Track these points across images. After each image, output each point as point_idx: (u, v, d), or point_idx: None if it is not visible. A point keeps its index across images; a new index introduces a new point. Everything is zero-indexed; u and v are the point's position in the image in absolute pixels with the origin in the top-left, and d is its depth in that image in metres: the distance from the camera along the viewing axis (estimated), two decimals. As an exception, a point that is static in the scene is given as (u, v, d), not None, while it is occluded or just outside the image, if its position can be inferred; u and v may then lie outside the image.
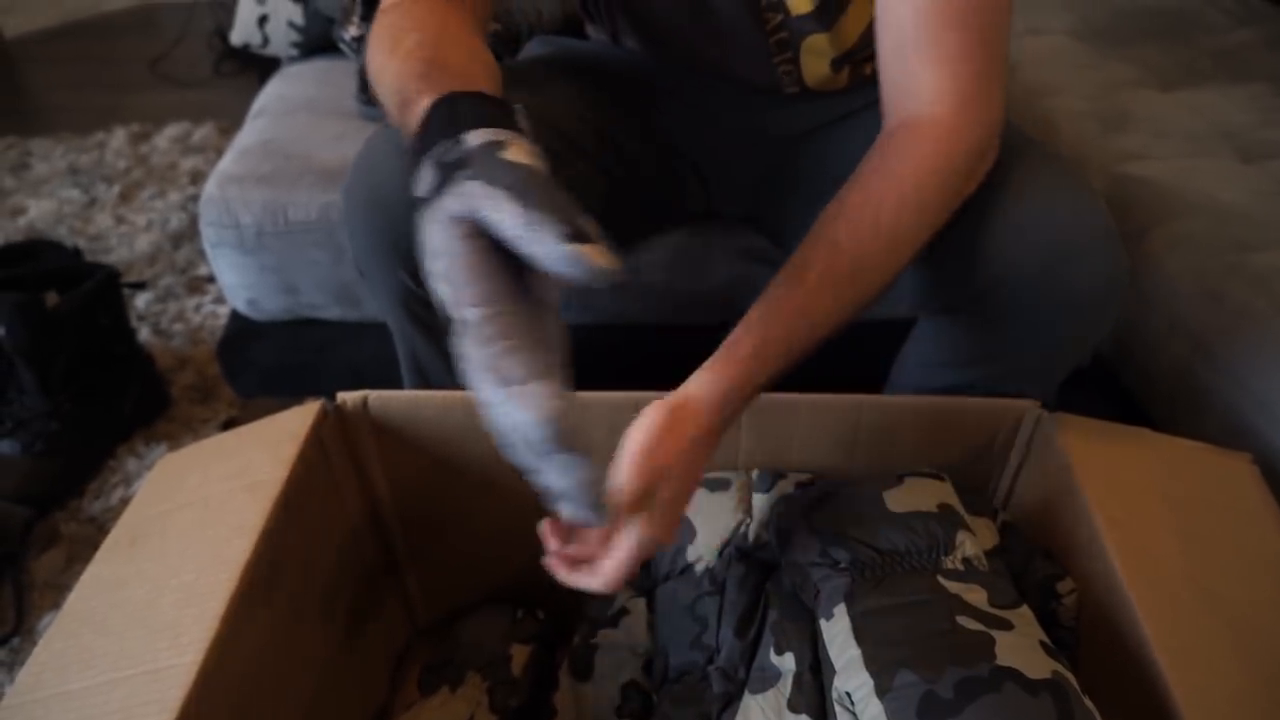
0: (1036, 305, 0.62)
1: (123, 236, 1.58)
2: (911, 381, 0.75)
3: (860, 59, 0.77)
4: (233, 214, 0.95)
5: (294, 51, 1.28)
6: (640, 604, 0.69)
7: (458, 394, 0.70)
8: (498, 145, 0.41)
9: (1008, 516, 0.67)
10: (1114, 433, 0.66)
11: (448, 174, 0.41)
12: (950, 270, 0.64)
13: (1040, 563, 0.62)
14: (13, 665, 0.88)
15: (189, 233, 1.59)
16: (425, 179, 0.42)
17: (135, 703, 0.48)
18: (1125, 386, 0.97)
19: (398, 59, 0.55)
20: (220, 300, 1.40)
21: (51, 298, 1.01)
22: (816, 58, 0.74)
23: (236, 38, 1.30)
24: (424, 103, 0.48)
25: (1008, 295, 0.62)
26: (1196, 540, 0.58)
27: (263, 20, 1.25)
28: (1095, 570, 0.59)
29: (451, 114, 0.45)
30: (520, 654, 0.72)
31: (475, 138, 0.42)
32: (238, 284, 1.00)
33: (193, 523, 0.60)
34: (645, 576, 0.70)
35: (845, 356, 0.79)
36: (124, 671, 0.50)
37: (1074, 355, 0.68)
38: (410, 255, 0.68)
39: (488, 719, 0.66)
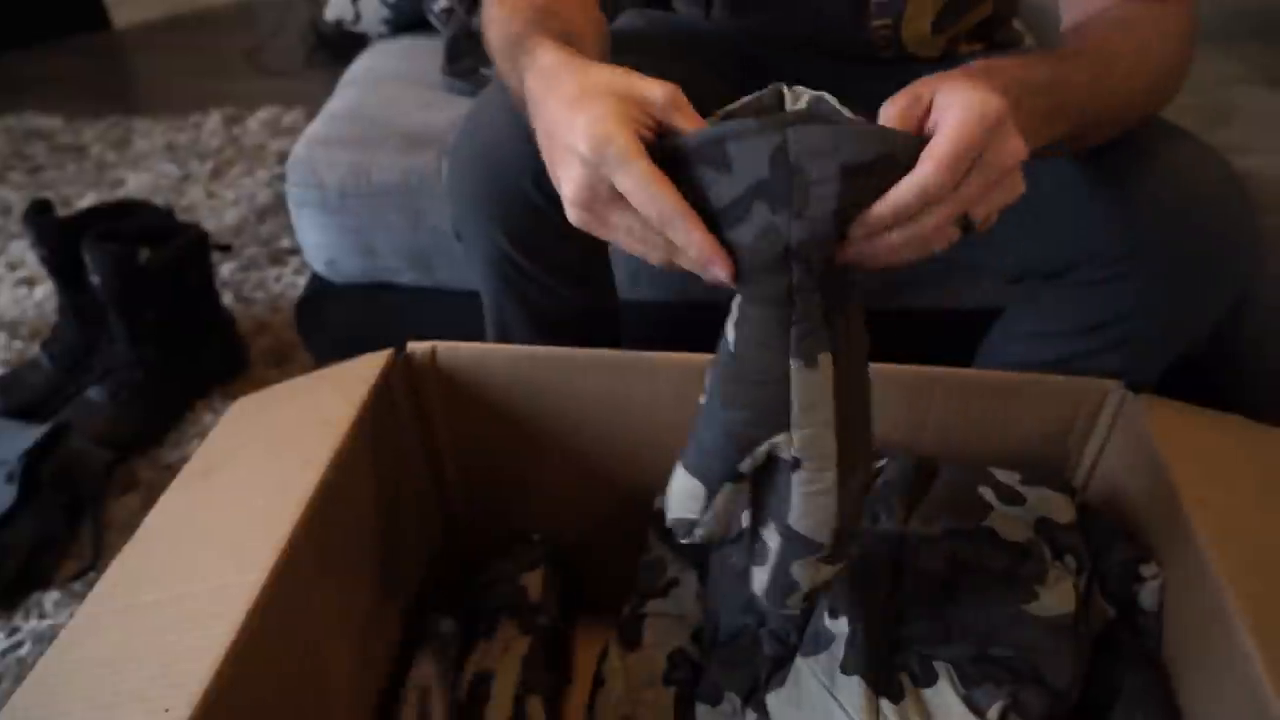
0: (1165, 263, 0.59)
1: (212, 209, 1.65)
2: (1002, 356, 0.72)
3: (964, 28, 0.76)
4: (318, 174, 0.98)
5: (384, 29, 1.32)
6: (691, 576, 0.68)
7: (524, 349, 0.71)
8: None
9: (1086, 498, 0.64)
10: (1205, 418, 0.63)
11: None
12: (1067, 227, 0.62)
13: (1122, 545, 0.59)
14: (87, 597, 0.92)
15: (274, 208, 1.64)
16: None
17: (200, 615, 0.49)
18: (1220, 386, 0.92)
19: (508, 8, 0.56)
20: (300, 271, 1.45)
21: (144, 252, 1.05)
22: (918, 19, 0.74)
23: (330, 13, 1.34)
24: (536, 45, 0.49)
25: (1128, 254, 0.60)
26: (1296, 530, 0.54)
27: (356, -3, 1.29)
28: (1183, 555, 0.55)
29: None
30: (533, 580, 0.73)
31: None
32: (318, 244, 1.03)
33: (263, 455, 0.62)
34: (698, 545, 0.69)
35: (929, 347, 0.77)
36: (191, 587, 0.52)
37: (1186, 330, 0.64)
38: (509, 218, 0.69)
39: (521, 642, 0.68)
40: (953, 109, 0.42)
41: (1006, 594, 0.56)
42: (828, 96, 0.44)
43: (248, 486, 0.59)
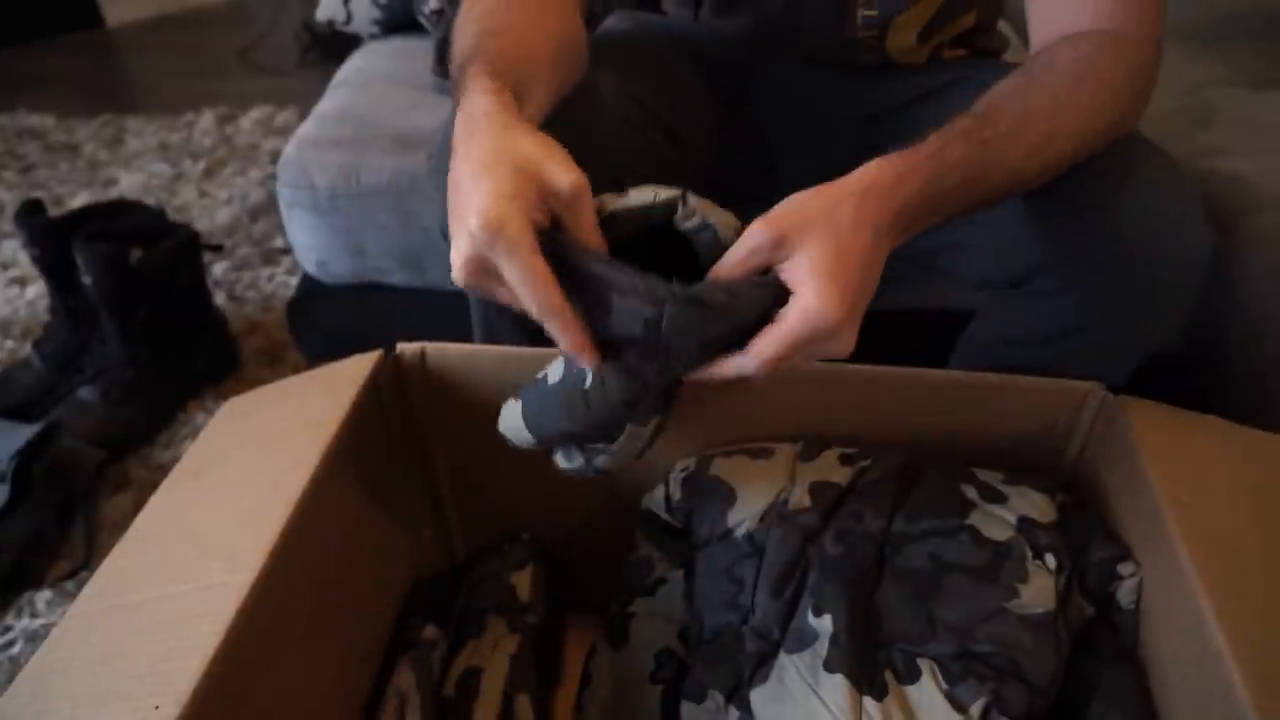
0: (1116, 276, 0.60)
1: (205, 208, 1.65)
2: (976, 361, 0.73)
3: (948, 37, 0.76)
4: (308, 175, 0.98)
5: (375, 29, 1.32)
6: (678, 575, 0.68)
7: (512, 350, 0.71)
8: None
9: (1066, 498, 0.65)
10: (1184, 418, 0.63)
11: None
12: (1023, 238, 0.63)
13: (1101, 542, 0.60)
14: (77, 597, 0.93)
15: (266, 208, 1.65)
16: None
17: (190, 615, 0.50)
18: (1200, 386, 0.93)
19: (468, 19, 0.56)
20: (292, 271, 1.45)
21: (135, 252, 1.06)
22: (904, 30, 0.75)
23: (322, 14, 1.35)
24: (472, 79, 0.49)
25: (1088, 265, 0.61)
26: (1271, 528, 0.55)
27: (347, -3, 1.29)
28: (1159, 555, 0.56)
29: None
30: (522, 579, 0.74)
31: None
32: (309, 245, 1.03)
33: (253, 457, 0.62)
34: (685, 545, 0.70)
35: (906, 347, 0.78)
36: (181, 586, 0.52)
37: (1149, 336, 0.65)
38: None
39: (510, 640, 0.69)
40: (795, 304, 0.45)
41: (988, 592, 0.57)
42: (711, 219, 0.48)
43: (237, 487, 0.59)
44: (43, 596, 0.92)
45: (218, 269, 1.45)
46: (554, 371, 0.53)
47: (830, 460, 0.67)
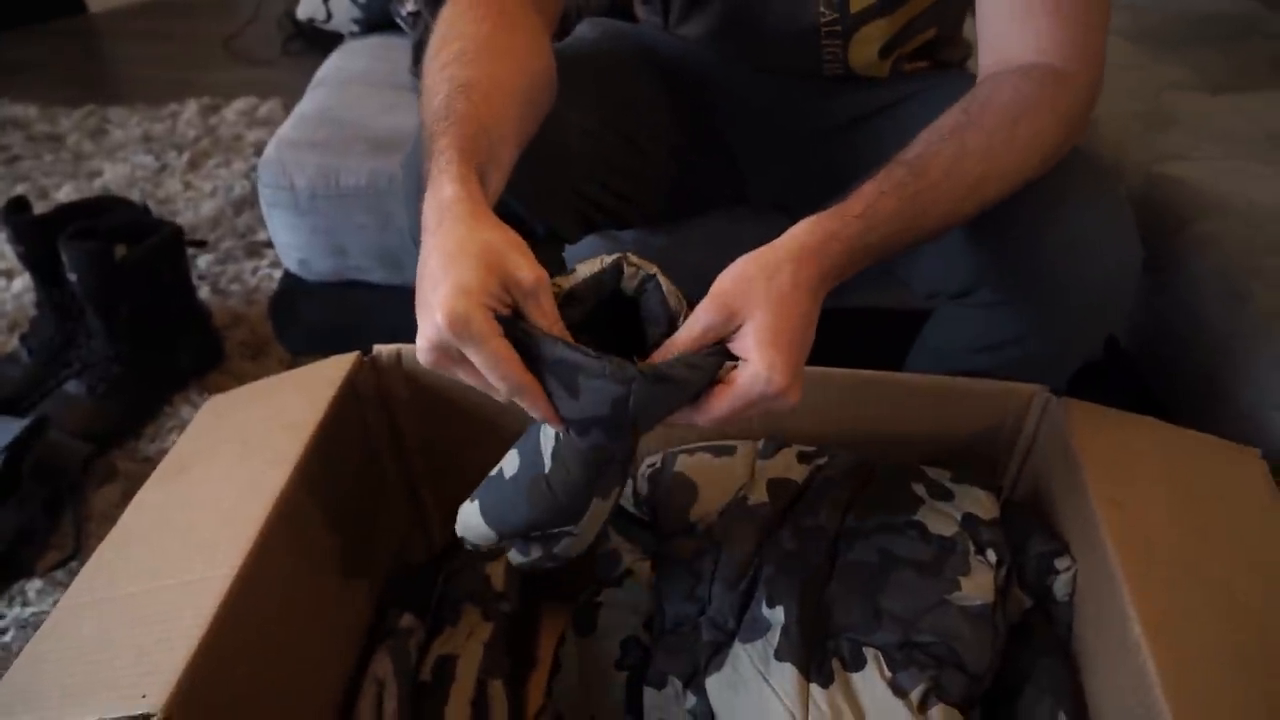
0: (1049, 292, 0.63)
1: (189, 201, 1.66)
2: (928, 364, 0.77)
3: (909, 50, 0.79)
4: (288, 176, 1.00)
5: (355, 27, 1.33)
6: (645, 566, 0.71)
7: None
8: None
9: (1014, 495, 0.69)
10: (1122, 420, 0.67)
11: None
12: (965, 253, 0.66)
13: (1040, 538, 0.63)
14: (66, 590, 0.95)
15: (250, 200, 1.65)
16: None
17: (174, 607, 0.52)
18: (1148, 385, 0.96)
19: (436, 66, 0.57)
20: (276, 264, 1.46)
21: (120, 250, 1.07)
22: (866, 44, 0.77)
23: (302, 12, 1.36)
24: (441, 154, 0.51)
25: (1022, 281, 0.64)
26: (1196, 527, 0.59)
27: (327, -4, 1.30)
28: (1090, 551, 0.60)
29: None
30: (496, 569, 0.76)
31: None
32: (290, 244, 1.05)
33: (234, 456, 0.65)
34: (651, 538, 0.73)
35: (861, 346, 0.81)
36: (165, 581, 0.55)
37: (1085, 343, 0.68)
38: None
39: (484, 628, 0.72)
40: (746, 370, 0.48)
41: (932, 585, 0.60)
42: (659, 275, 0.51)
43: (219, 486, 0.62)
44: (33, 586, 0.95)
45: (202, 262, 1.46)
46: (509, 465, 0.55)
47: (789, 458, 0.70)
